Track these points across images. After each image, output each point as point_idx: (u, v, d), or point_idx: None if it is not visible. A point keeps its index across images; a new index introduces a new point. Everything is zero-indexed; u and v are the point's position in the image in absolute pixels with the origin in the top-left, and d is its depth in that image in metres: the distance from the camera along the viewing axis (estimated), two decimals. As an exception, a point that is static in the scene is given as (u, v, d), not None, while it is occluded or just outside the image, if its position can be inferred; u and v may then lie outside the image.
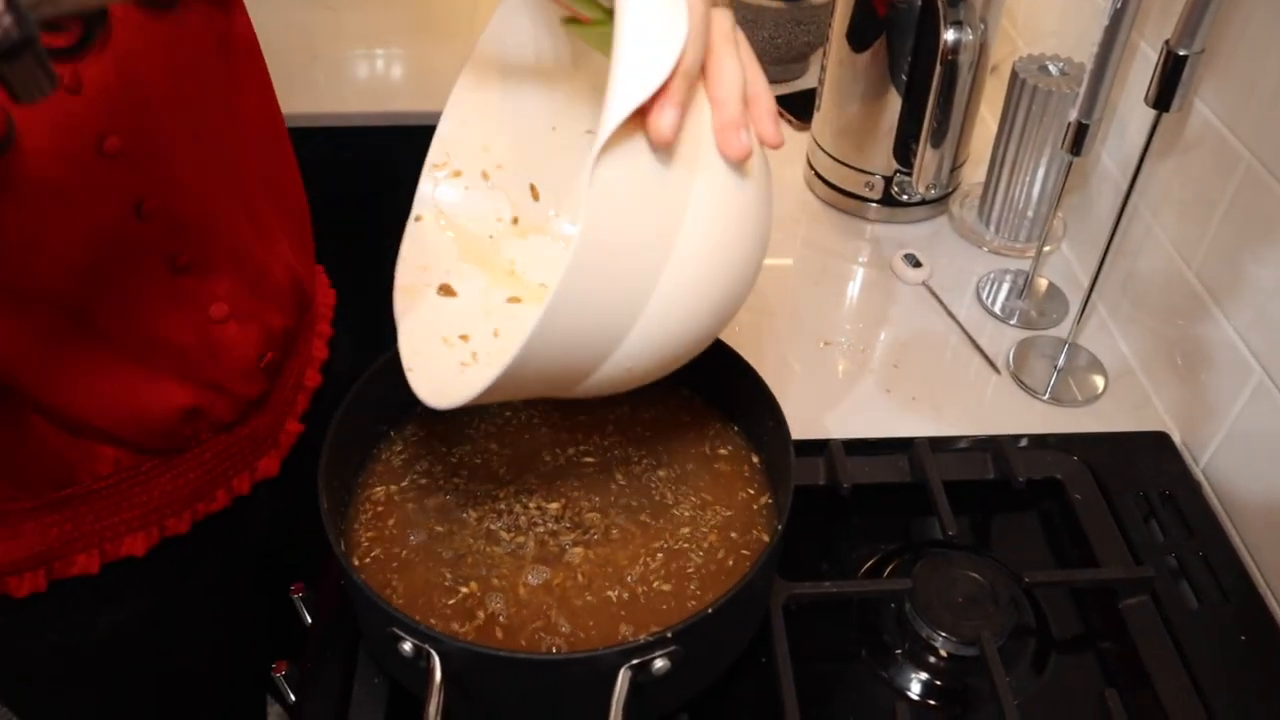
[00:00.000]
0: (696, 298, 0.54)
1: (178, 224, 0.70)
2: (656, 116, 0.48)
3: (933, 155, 1.06)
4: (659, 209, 0.51)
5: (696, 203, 0.51)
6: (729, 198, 0.53)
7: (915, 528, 0.85)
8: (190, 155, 0.69)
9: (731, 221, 0.54)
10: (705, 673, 0.66)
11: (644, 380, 0.58)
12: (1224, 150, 0.84)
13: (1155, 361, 0.96)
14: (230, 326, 0.76)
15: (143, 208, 0.67)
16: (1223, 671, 0.72)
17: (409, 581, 0.67)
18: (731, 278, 0.55)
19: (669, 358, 0.56)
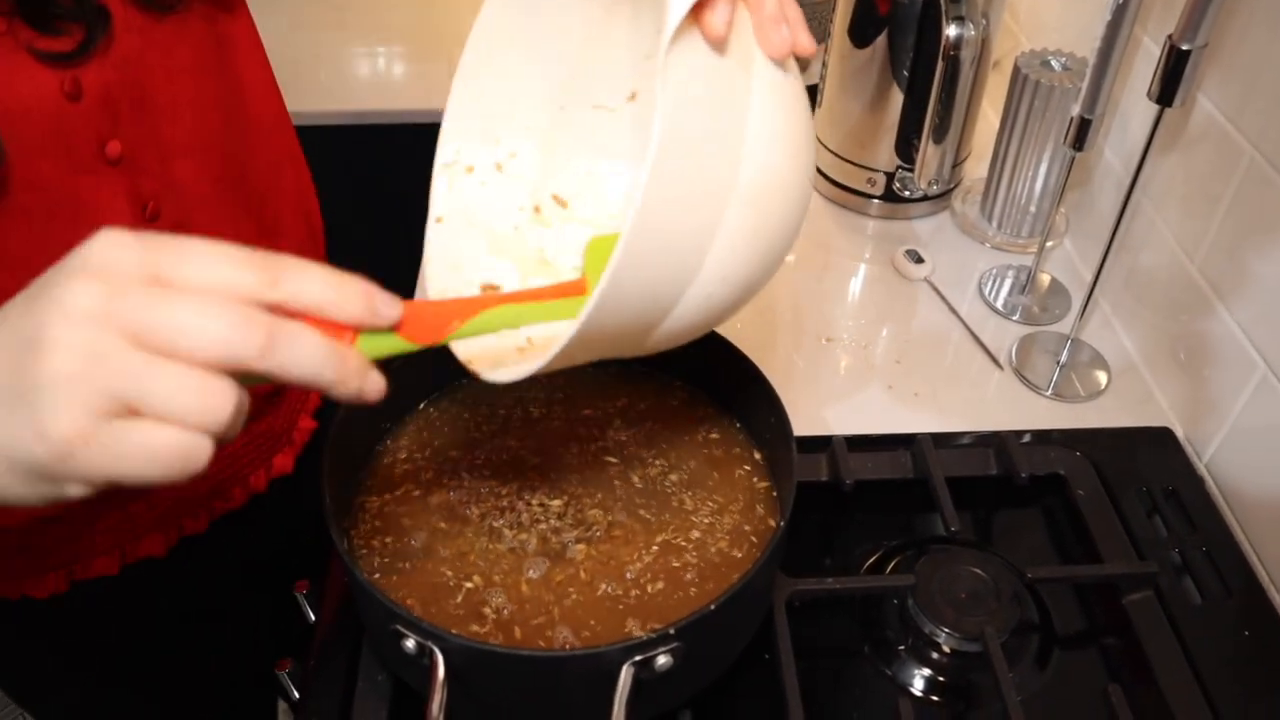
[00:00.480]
0: (772, 194, 0.53)
1: (183, 227, 0.70)
2: (710, 14, 0.48)
3: (935, 151, 1.06)
4: (725, 103, 0.51)
5: (757, 98, 0.52)
6: (783, 93, 0.53)
7: (918, 524, 0.85)
8: (193, 158, 0.69)
9: (790, 115, 0.54)
10: (708, 669, 0.66)
11: (720, 314, 0.56)
12: (1227, 145, 0.84)
13: (1158, 357, 0.96)
14: None
15: (150, 210, 0.67)
16: (1226, 666, 0.72)
17: (412, 579, 0.67)
18: (798, 173, 0.55)
19: (751, 273, 0.54)
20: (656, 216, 0.48)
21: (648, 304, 0.51)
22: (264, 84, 0.79)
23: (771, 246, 0.55)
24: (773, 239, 0.54)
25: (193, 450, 0.37)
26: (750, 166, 0.51)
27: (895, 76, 1.07)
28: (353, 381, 0.41)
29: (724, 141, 0.51)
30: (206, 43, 0.69)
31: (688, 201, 0.49)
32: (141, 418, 0.36)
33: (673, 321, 0.53)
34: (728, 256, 0.52)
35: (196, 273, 0.38)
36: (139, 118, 0.64)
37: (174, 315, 0.36)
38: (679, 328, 0.54)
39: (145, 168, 0.66)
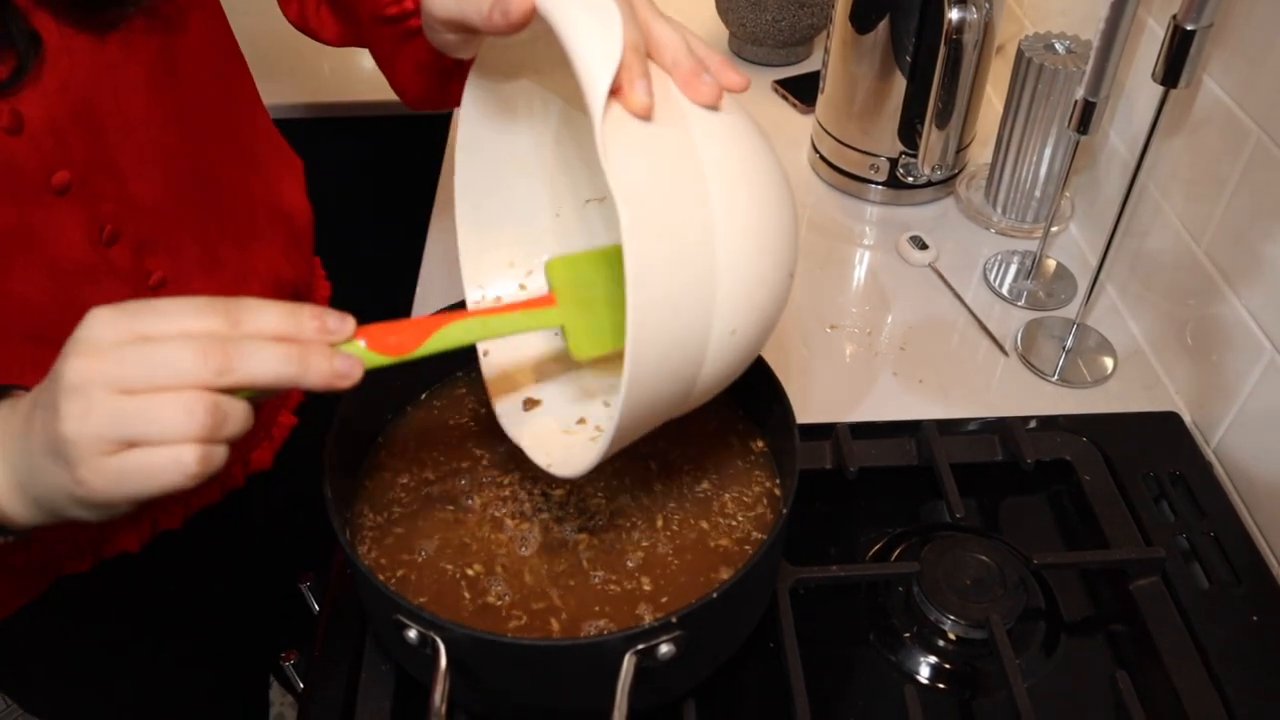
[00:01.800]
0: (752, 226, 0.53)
1: (147, 245, 0.69)
2: (629, 91, 0.49)
3: (938, 136, 1.05)
4: (675, 165, 0.51)
5: (706, 147, 0.52)
6: (732, 133, 0.54)
7: (923, 511, 0.84)
8: (152, 175, 0.68)
9: (745, 149, 0.54)
10: (712, 658, 0.65)
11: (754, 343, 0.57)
12: (1233, 126, 0.83)
13: (1165, 341, 0.95)
14: None
15: (106, 233, 0.66)
16: (1235, 652, 0.72)
17: (414, 569, 0.66)
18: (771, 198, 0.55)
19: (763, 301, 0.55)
20: (651, 287, 0.49)
21: (677, 365, 0.53)
22: (230, 91, 0.77)
23: (772, 271, 0.55)
24: (769, 262, 0.55)
25: (180, 460, 0.45)
26: (721, 210, 0.52)
27: (898, 61, 1.06)
28: (319, 367, 0.47)
29: (688, 198, 0.51)
30: (158, 57, 0.66)
31: (676, 262, 0.50)
32: (136, 446, 0.44)
33: (710, 370, 0.55)
34: (734, 294, 0.53)
35: (167, 325, 0.45)
36: (89, 142, 0.63)
37: (145, 359, 0.44)
38: (719, 373, 0.56)
39: (99, 191, 0.64)
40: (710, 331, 0.52)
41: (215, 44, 0.74)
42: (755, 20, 1.34)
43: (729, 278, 0.52)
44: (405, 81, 0.77)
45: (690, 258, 0.51)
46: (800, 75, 1.36)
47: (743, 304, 0.53)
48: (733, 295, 0.52)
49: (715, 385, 0.57)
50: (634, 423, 0.54)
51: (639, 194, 0.49)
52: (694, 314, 0.51)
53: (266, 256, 0.80)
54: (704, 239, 0.51)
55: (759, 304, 0.54)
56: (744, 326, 0.54)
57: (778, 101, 1.33)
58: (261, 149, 0.81)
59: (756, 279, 0.54)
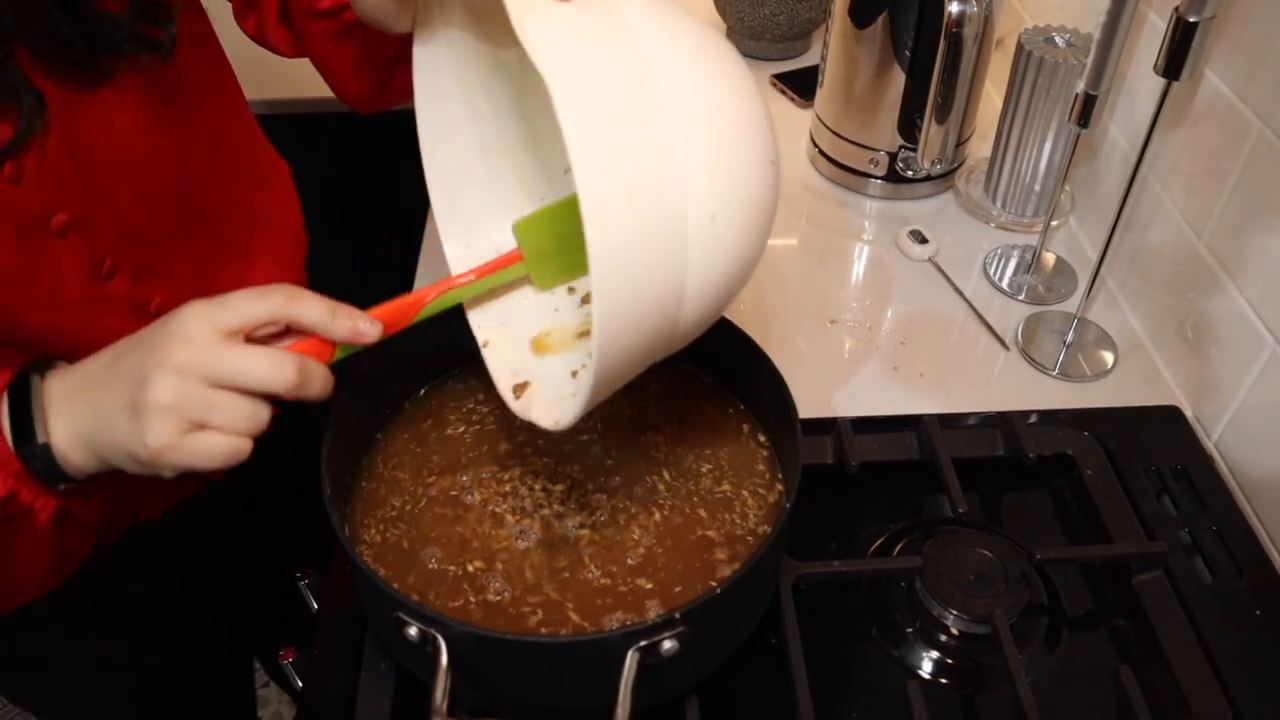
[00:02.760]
0: (713, 99, 0.51)
1: (144, 274, 0.69)
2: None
3: (937, 130, 1.04)
4: (611, 40, 0.49)
5: (642, 26, 0.50)
6: (671, 13, 0.52)
7: (925, 506, 0.84)
8: (149, 206, 0.68)
9: (691, 27, 0.53)
10: (714, 654, 0.65)
11: (744, 232, 0.54)
12: (1235, 120, 0.83)
13: (1166, 335, 0.95)
14: None
15: (105, 268, 0.66)
16: (1238, 646, 0.72)
17: (414, 566, 0.66)
18: (732, 77, 0.53)
19: (741, 181, 0.52)
20: (598, 168, 0.47)
21: (653, 255, 0.50)
22: (222, 107, 0.77)
23: (744, 148, 0.53)
24: (738, 137, 0.52)
25: (239, 448, 0.55)
26: (669, 80, 0.49)
27: (897, 55, 1.06)
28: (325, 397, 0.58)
29: (629, 68, 0.49)
30: (152, 94, 0.66)
31: (623, 137, 0.48)
32: (207, 430, 0.54)
33: (700, 265, 0.52)
34: (703, 172, 0.50)
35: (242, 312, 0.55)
36: (87, 182, 0.63)
37: (233, 363, 0.53)
38: (711, 269, 0.53)
39: (98, 228, 0.65)
40: (685, 216, 0.50)
41: (206, 63, 0.74)
42: (753, 14, 1.33)
43: (691, 153, 0.49)
44: (348, 81, 0.77)
45: (640, 130, 0.48)
46: (799, 70, 1.36)
47: (717, 183, 0.51)
48: (701, 173, 0.50)
49: (714, 286, 0.54)
50: (623, 328, 0.50)
51: (568, 64, 0.47)
52: (658, 194, 0.49)
53: (261, 271, 0.81)
54: (653, 106, 0.49)
55: (737, 184, 0.52)
56: (725, 210, 0.51)
57: (776, 96, 1.33)
58: (253, 161, 0.82)
59: (727, 156, 0.51)
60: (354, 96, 0.79)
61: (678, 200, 0.49)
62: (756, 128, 0.54)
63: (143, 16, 0.62)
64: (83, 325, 0.66)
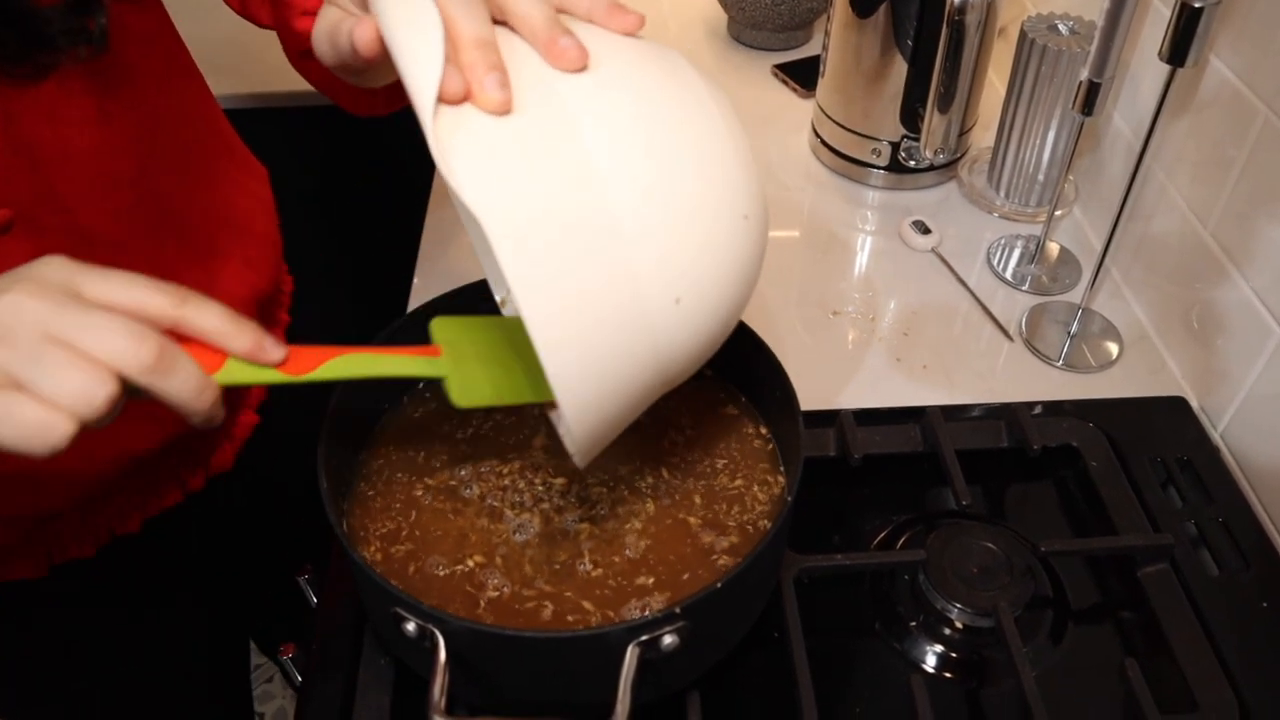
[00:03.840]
0: (666, 180, 0.49)
1: None
2: (477, 92, 0.46)
3: (940, 120, 1.04)
4: (546, 147, 0.47)
5: (584, 116, 0.48)
6: (617, 90, 0.50)
7: (928, 498, 0.83)
8: (102, 206, 0.66)
9: (645, 100, 0.50)
10: (716, 648, 0.64)
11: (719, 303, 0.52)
12: (1240, 106, 0.82)
13: (1171, 325, 0.94)
14: None
15: None
16: (1245, 638, 0.71)
17: (412, 561, 0.66)
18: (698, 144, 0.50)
19: (707, 255, 0.50)
20: (543, 289, 0.45)
21: (615, 349, 0.49)
22: (184, 107, 0.74)
23: (708, 218, 0.50)
24: (701, 210, 0.50)
25: (53, 428, 0.44)
26: (615, 173, 0.47)
27: (899, 44, 1.05)
28: (206, 414, 0.48)
29: (567, 174, 0.47)
30: (98, 90, 0.64)
31: (568, 247, 0.46)
32: (22, 392, 0.43)
33: (672, 344, 0.51)
34: (661, 260, 0.48)
35: (114, 289, 0.46)
36: (31, 178, 0.61)
37: (83, 319, 0.44)
38: (687, 344, 0.52)
39: (46, 225, 0.62)
40: (646, 308, 0.48)
41: (161, 59, 0.71)
42: (754, 4, 1.32)
43: (646, 243, 0.47)
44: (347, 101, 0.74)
45: (585, 236, 0.46)
46: (800, 59, 1.35)
47: (679, 266, 0.49)
48: (659, 261, 0.48)
49: (693, 355, 0.53)
50: (598, 418, 0.50)
51: (499, 193, 0.45)
52: (611, 294, 0.47)
53: (231, 272, 0.78)
54: (598, 213, 0.47)
55: (702, 260, 0.50)
56: (691, 290, 0.49)
57: (777, 86, 1.32)
58: (219, 161, 0.79)
59: (686, 234, 0.49)
60: (360, 112, 0.76)
61: (632, 293, 0.48)
62: (721, 182, 0.51)
63: (77, 9, 0.59)
64: None
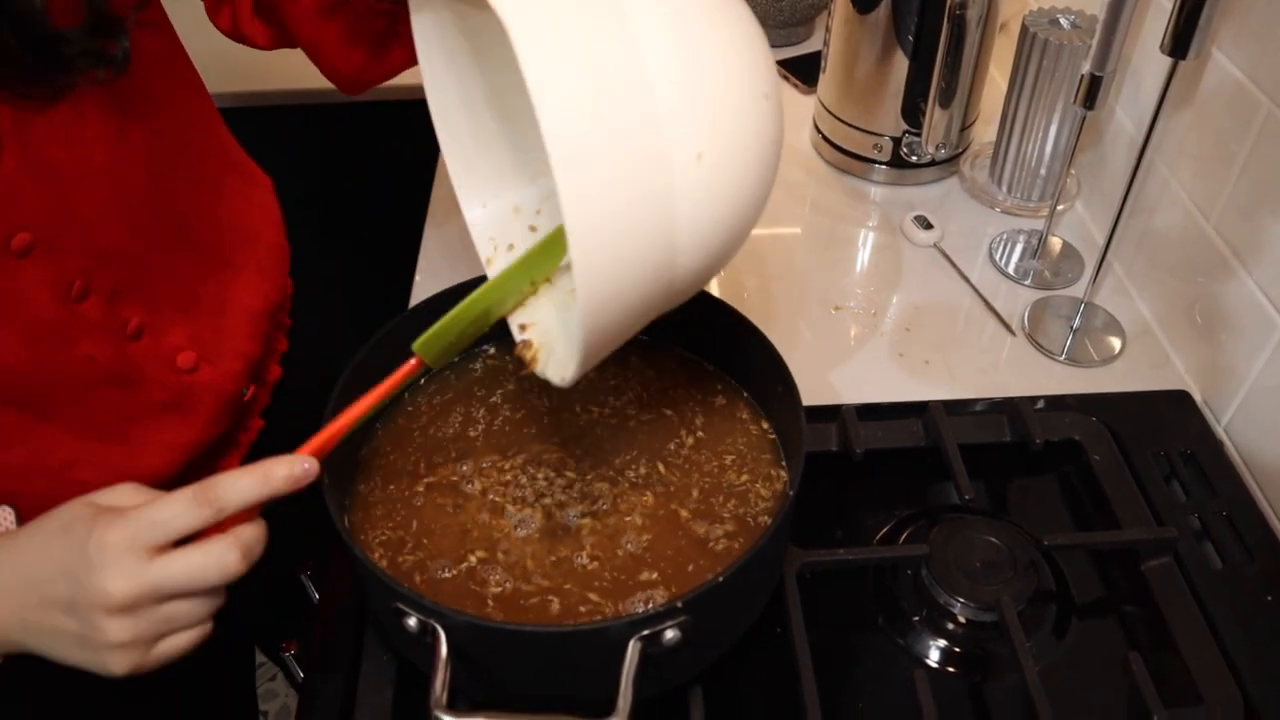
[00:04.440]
0: (693, 33, 0.49)
1: (120, 295, 0.67)
2: None
3: (941, 115, 1.04)
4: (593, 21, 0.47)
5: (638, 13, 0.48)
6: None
7: (931, 492, 0.83)
8: (119, 224, 0.66)
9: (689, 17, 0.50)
10: (718, 643, 0.64)
11: (737, 173, 0.51)
12: (1243, 99, 0.82)
13: (1173, 320, 0.94)
14: (203, 372, 0.74)
15: (75, 289, 0.64)
16: (1249, 632, 0.71)
17: (414, 556, 0.65)
18: (719, 10, 0.51)
19: (730, 117, 0.50)
20: (564, 112, 0.45)
21: (635, 194, 0.47)
22: (190, 121, 0.74)
23: (732, 83, 0.50)
24: (725, 70, 0.50)
25: (204, 634, 0.56)
26: (652, 49, 0.47)
27: (900, 40, 1.05)
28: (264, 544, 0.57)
29: (601, 38, 0.46)
30: (112, 109, 0.64)
31: (593, 78, 0.46)
32: (170, 635, 0.54)
33: (692, 209, 0.49)
34: (685, 113, 0.48)
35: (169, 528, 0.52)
36: (48, 200, 0.61)
37: (175, 578, 0.52)
38: (705, 213, 0.50)
39: (64, 247, 0.62)
40: (668, 158, 0.47)
41: (170, 79, 0.72)
42: (755, 1, 1.32)
43: (670, 89, 0.47)
44: (338, 58, 0.75)
45: (611, 69, 0.46)
46: (802, 56, 1.35)
47: (701, 119, 0.48)
48: (682, 109, 0.47)
49: (710, 232, 0.51)
50: (608, 289, 0.48)
51: (538, 20, 0.45)
52: (634, 135, 0.46)
53: (243, 284, 0.79)
54: (630, 61, 0.46)
55: (726, 119, 0.50)
56: (714, 148, 0.49)
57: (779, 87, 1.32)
58: (227, 175, 0.80)
59: (710, 88, 0.49)
60: (344, 75, 0.77)
61: (657, 140, 0.47)
62: (745, 57, 0.51)
63: (97, 31, 0.59)
64: (57, 351, 0.64)
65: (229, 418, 0.77)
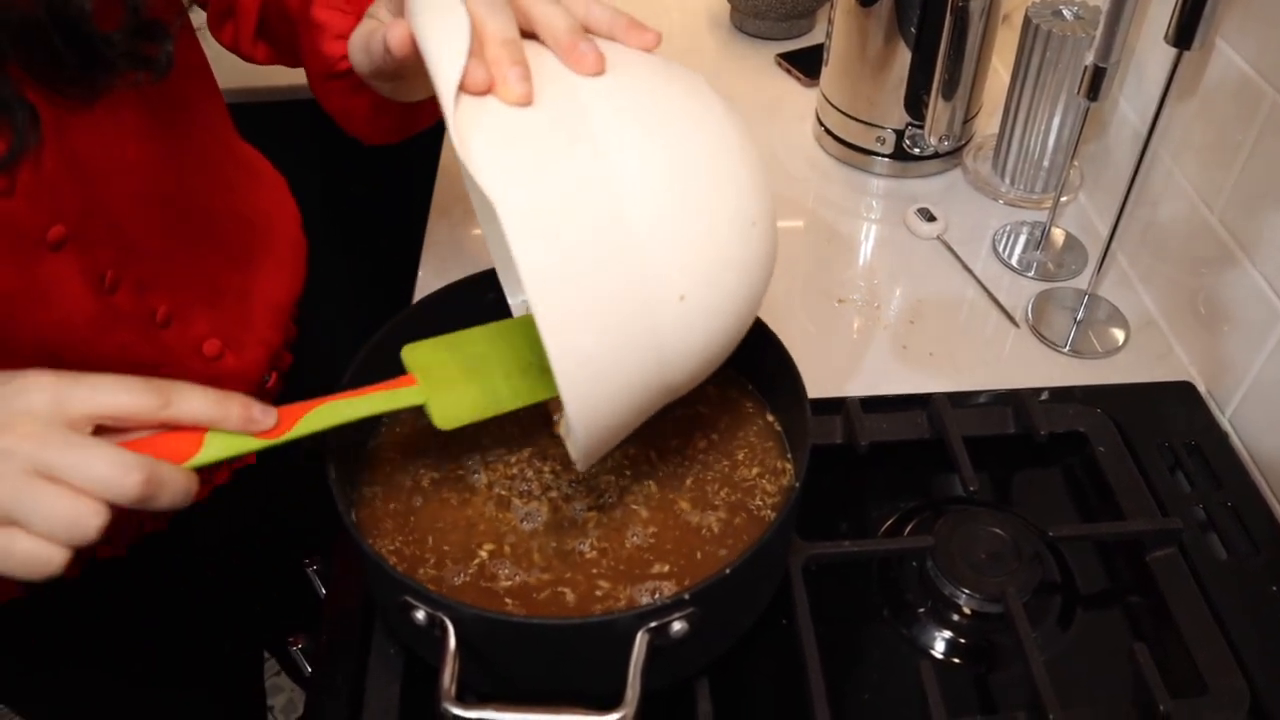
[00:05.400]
0: (676, 180, 0.50)
1: (148, 286, 0.69)
2: (500, 85, 0.49)
3: (944, 107, 1.03)
4: (563, 140, 0.49)
5: (600, 116, 0.50)
6: (633, 95, 0.52)
7: (936, 485, 0.83)
8: (148, 218, 0.68)
9: (658, 107, 0.52)
10: (725, 635, 0.65)
11: (726, 305, 0.53)
12: (1248, 90, 0.82)
13: (1177, 311, 0.94)
14: (227, 359, 0.75)
15: (107, 281, 0.65)
16: (1255, 623, 0.71)
17: (421, 549, 0.66)
18: (706, 149, 0.52)
19: (713, 256, 0.51)
20: (550, 275, 0.47)
21: (619, 346, 0.50)
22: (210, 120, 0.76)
23: (717, 221, 0.51)
24: (709, 212, 0.51)
25: (48, 561, 0.47)
26: (626, 171, 0.49)
27: (902, 32, 1.04)
28: (187, 502, 0.51)
29: (582, 167, 0.48)
30: (143, 108, 0.65)
31: (577, 238, 0.47)
32: (16, 528, 0.47)
33: (679, 344, 0.52)
34: (668, 259, 0.49)
35: (99, 400, 0.48)
36: (82, 194, 0.62)
37: (69, 454, 0.47)
38: (694, 347, 0.53)
39: (96, 240, 0.64)
40: (650, 302, 0.49)
41: (194, 76, 0.74)
42: (757, -7, 1.32)
43: (654, 238, 0.49)
44: (364, 125, 0.76)
45: (596, 227, 0.48)
46: (804, 48, 1.35)
47: (685, 263, 0.50)
48: (666, 257, 0.49)
49: (696, 358, 0.54)
50: (601, 415, 0.51)
51: (514, 178, 0.47)
52: (618, 284, 0.48)
53: (264, 276, 0.81)
54: (609, 206, 0.48)
55: (707, 261, 0.51)
56: (696, 289, 0.51)
57: (781, 75, 1.32)
58: (245, 173, 0.82)
59: (693, 233, 0.50)
60: (372, 139, 0.77)
61: (639, 281, 0.49)
62: (731, 188, 0.52)
63: (139, 35, 0.61)
64: (93, 339, 0.65)
65: None
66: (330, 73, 0.71)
